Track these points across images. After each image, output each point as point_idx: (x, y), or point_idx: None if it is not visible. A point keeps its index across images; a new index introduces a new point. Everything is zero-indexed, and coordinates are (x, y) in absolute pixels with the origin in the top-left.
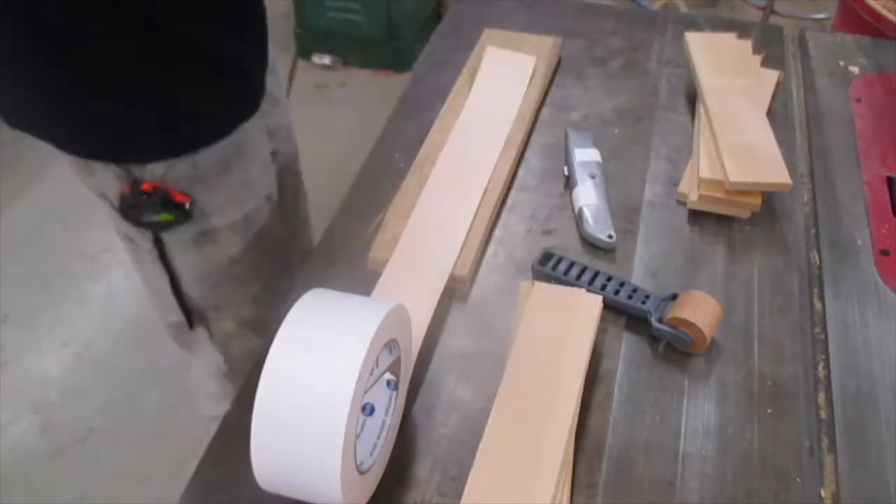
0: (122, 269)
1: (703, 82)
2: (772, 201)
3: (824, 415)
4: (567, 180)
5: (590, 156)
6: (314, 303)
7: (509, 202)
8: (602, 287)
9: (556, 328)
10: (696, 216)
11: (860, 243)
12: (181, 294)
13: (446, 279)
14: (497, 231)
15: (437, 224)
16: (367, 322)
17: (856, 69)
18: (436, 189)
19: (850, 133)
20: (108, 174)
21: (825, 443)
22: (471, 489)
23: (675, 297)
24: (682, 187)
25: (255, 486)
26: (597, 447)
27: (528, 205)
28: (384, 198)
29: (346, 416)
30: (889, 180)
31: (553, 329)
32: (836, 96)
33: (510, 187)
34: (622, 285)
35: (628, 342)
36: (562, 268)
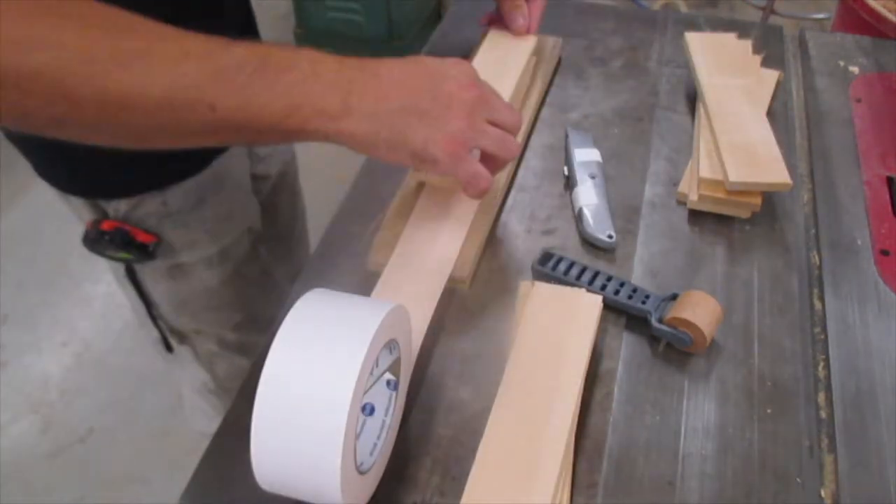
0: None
1: (703, 82)
2: (772, 201)
3: (824, 415)
4: (567, 180)
5: (590, 156)
6: (314, 303)
7: (509, 202)
8: (602, 287)
9: (556, 328)
10: (696, 216)
11: (860, 243)
12: (157, 319)
13: (446, 279)
14: (497, 231)
15: (437, 224)
16: (367, 322)
17: (856, 69)
18: (436, 189)
19: (850, 133)
20: (78, 203)
21: (825, 443)
22: (471, 489)
23: (675, 297)
24: (682, 187)
25: (255, 486)
26: (597, 447)
27: (528, 205)
28: (384, 198)
29: (346, 415)
30: (889, 180)
31: (553, 329)
32: (836, 96)
33: (510, 187)
34: (622, 285)
35: (628, 342)
36: (562, 268)
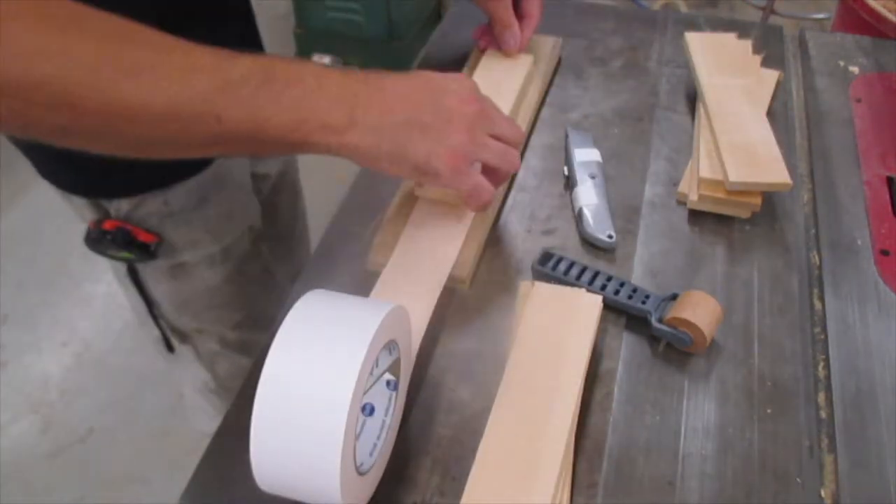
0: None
1: (703, 82)
2: (772, 201)
3: (824, 415)
4: (567, 180)
5: (590, 156)
6: (314, 303)
7: (509, 202)
8: (602, 287)
9: (556, 328)
10: (696, 216)
11: (860, 243)
12: (158, 318)
13: (446, 279)
14: (497, 231)
15: (436, 224)
16: (367, 322)
17: (856, 69)
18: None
19: (850, 133)
20: (80, 202)
21: (825, 443)
22: (471, 489)
23: (675, 297)
24: (682, 187)
25: (255, 486)
26: (597, 447)
27: (528, 205)
28: (384, 198)
29: (345, 416)
30: (889, 180)
31: (553, 329)
32: (836, 96)
33: (510, 187)
34: (622, 285)
35: (628, 342)
36: (562, 268)
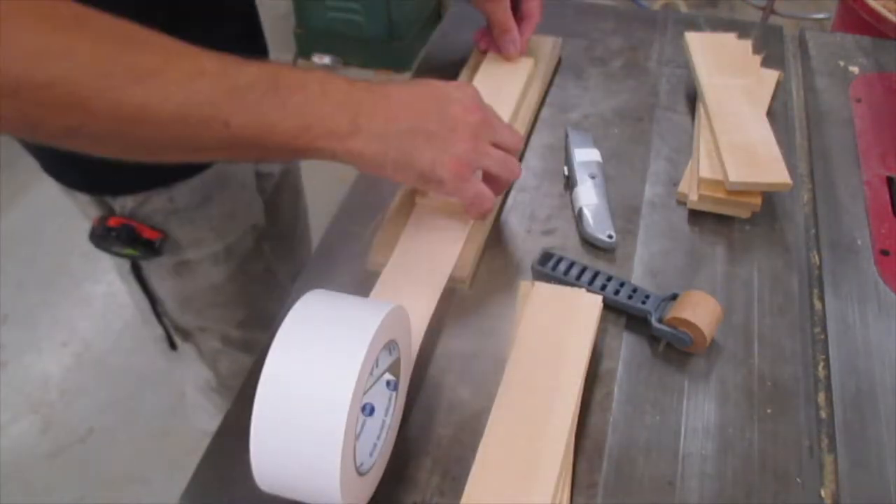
0: None
1: (703, 82)
2: (772, 201)
3: (824, 415)
4: (567, 180)
5: (590, 156)
6: (314, 303)
7: (509, 202)
8: (602, 287)
9: (556, 328)
10: (696, 216)
11: (860, 243)
12: (161, 316)
13: (446, 279)
14: (497, 231)
15: (436, 224)
16: (367, 323)
17: (856, 69)
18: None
19: (850, 133)
20: (84, 199)
21: (825, 443)
22: (471, 489)
23: (675, 297)
24: (682, 187)
25: (255, 486)
26: (597, 447)
27: (528, 205)
28: (384, 198)
29: (345, 416)
30: (889, 180)
31: (553, 329)
32: (836, 96)
33: (510, 188)
34: (622, 285)
35: (628, 342)
36: (562, 268)
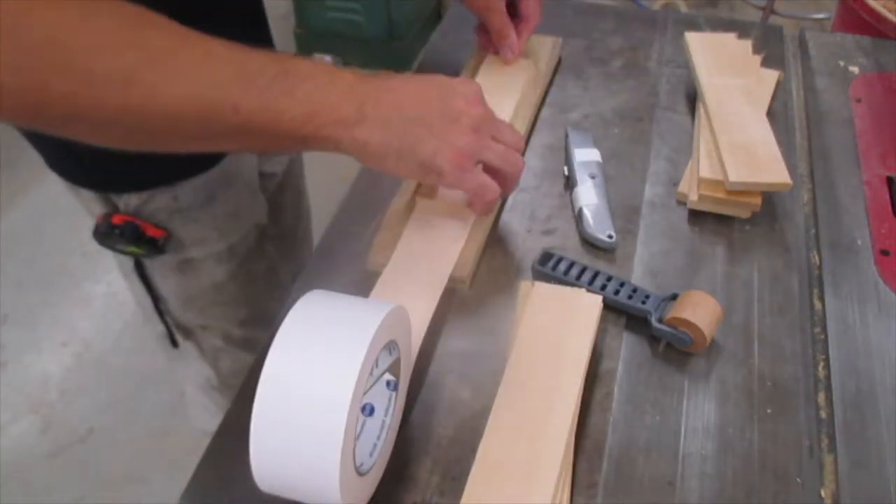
0: None
1: (703, 82)
2: (772, 201)
3: (824, 415)
4: (567, 180)
5: (590, 156)
6: (314, 303)
7: (509, 202)
8: (602, 287)
9: (556, 328)
10: (696, 216)
11: (860, 243)
12: (163, 314)
13: (446, 279)
14: (497, 231)
15: (437, 224)
16: (367, 323)
17: (856, 69)
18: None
19: (850, 133)
20: (89, 195)
21: (825, 443)
22: (471, 489)
23: (675, 297)
24: (682, 187)
25: (255, 486)
26: (597, 447)
27: (528, 205)
28: (384, 198)
29: (345, 416)
30: (889, 180)
31: (553, 329)
32: (836, 96)
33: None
34: (622, 285)
35: (628, 342)
36: (562, 268)
